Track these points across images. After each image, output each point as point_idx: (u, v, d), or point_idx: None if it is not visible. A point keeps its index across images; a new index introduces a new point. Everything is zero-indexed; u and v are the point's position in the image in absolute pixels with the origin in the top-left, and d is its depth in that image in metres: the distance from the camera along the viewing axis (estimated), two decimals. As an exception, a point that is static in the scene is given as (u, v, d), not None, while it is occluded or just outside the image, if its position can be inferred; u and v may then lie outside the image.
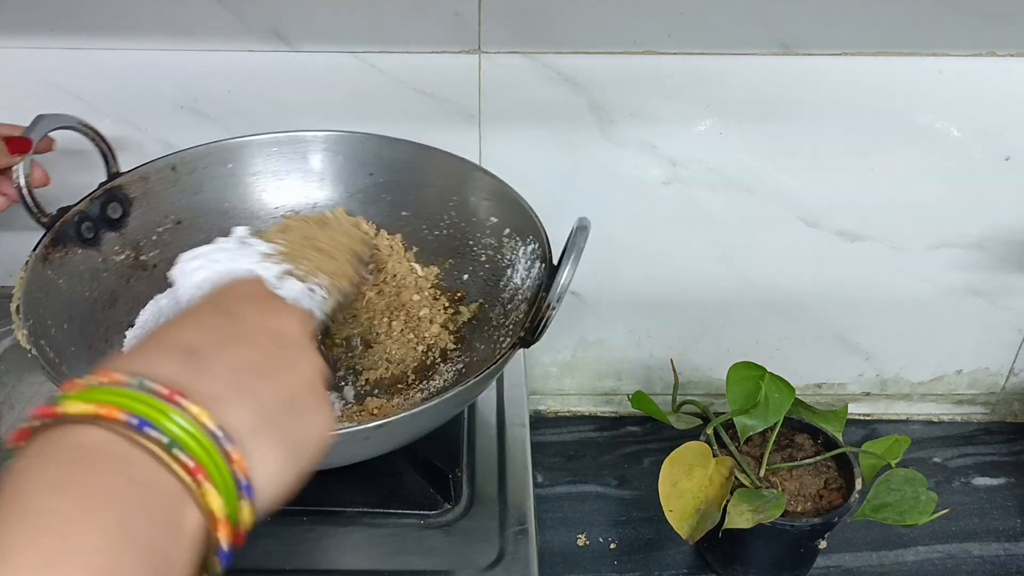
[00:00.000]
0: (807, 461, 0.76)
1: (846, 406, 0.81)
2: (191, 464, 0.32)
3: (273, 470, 0.35)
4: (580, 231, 0.59)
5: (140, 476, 0.31)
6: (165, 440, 0.31)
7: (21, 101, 0.76)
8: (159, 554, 0.30)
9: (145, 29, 0.74)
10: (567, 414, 0.98)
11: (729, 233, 0.85)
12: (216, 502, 0.32)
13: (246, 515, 0.33)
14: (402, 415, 0.54)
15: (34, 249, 0.63)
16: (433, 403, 0.55)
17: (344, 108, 0.78)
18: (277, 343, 0.39)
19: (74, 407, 0.32)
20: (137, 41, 0.75)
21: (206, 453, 0.32)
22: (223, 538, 0.32)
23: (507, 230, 0.70)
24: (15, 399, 0.75)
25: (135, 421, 0.31)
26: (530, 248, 0.67)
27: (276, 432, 0.35)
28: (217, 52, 0.75)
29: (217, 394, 0.34)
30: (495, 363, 0.58)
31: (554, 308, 0.57)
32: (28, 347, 0.57)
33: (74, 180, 0.70)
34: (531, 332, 0.59)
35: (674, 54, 0.75)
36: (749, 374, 0.74)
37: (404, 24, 0.74)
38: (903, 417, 0.98)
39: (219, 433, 0.33)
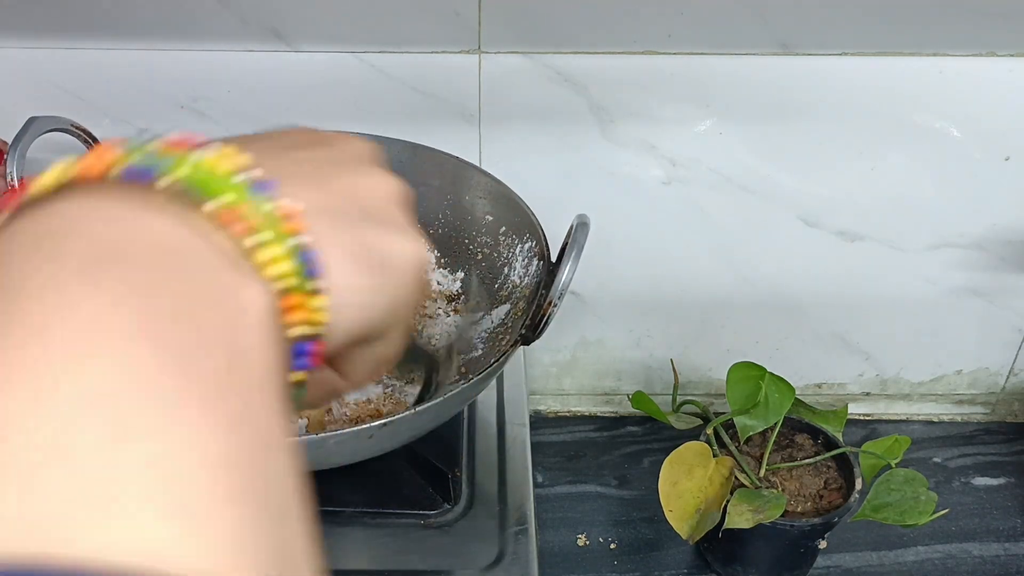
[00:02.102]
0: (807, 461, 0.76)
1: (846, 406, 0.81)
2: (229, 215, 0.23)
3: (349, 271, 0.25)
4: (580, 227, 0.59)
5: (162, 237, 0.21)
6: (179, 185, 0.22)
7: (21, 101, 0.76)
8: (216, 333, 0.21)
9: (145, 29, 0.74)
10: (567, 414, 0.98)
11: (729, 233, 0.85)
12: (277, 265, 0.23)
13: (317, 310, 0.24)
14: (405, 413, 0.54)
15: None
16: (436, 401, 0.55)
17: (344, 108, 0.78)
18: (345, 156, 0.29)
19: (44, 181, 0.22)
20: (137, 41, 0.75)
21: (250, 206, 0.23)
22: (297, 321, 0.24)
23: (503, 228, 0.70)
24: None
25: (136, 170, 0.22)
26: (527, 246, 0.67)
27: (348, 229, 0.26)
28: (217, 52, 0.75)
29: (269, 168, 0.25)
30: (497, 360, 0.58)
31: (555, 305, 0.57)
32: None
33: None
34: (532, 329, 0.59)
35: (674, 54, 0.75)
36: (749, 374, 0.74)
37: (404, 24, 0.74)
38: (903, 417, 0.98)
39: (257, 179, 0.24)
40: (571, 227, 0.60)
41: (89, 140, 0.69)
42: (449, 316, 0.71)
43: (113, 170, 0.22)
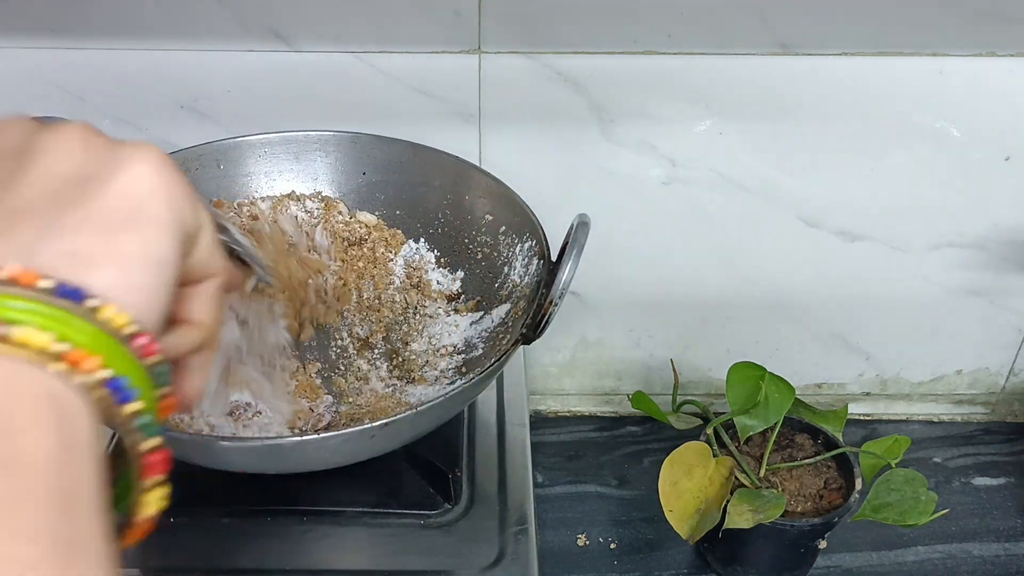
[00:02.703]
0: (807, 461, 0.76)
1: (846, 406, 0.81)
2: None
3: (110, 272, 0.28)
4: (581, 227, 0.59)
5: None
6: None
7: (21, 101, 0.76)
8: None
9: (145, 29, 0.74)
10: (567, 414, 0.98)
11: (729, 233, 0.85)
12: (36, 336, 0.26)
13: (116, 317, 0.27)
14: (406, 413, 0.54)
15: None
16: (436, 401, 0.55)
17: (344, 108, 0.78)
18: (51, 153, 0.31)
19: None
20: (137, 41, 0.75)
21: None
22: (93, 367, 0.26)
23: (503, 228, 0.70)
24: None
25: None
26: (527, 245, 0.67)
27: (81, 234, 0.28)
28: (217, 52, 0.75)
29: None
30: (498, 359, 0.58)
31: (556, 304, 0.58)
32: None
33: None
34: (533, 328, 0.59)
35: (674, 54, 0.75)
36: (749, 374, 0.74)
37: (404, 24, 0.74)
38: (903, 417, 0.98)
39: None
40: (571, 226, 0.60)
41: None
42: (449, 316, 0.71)
43: None
